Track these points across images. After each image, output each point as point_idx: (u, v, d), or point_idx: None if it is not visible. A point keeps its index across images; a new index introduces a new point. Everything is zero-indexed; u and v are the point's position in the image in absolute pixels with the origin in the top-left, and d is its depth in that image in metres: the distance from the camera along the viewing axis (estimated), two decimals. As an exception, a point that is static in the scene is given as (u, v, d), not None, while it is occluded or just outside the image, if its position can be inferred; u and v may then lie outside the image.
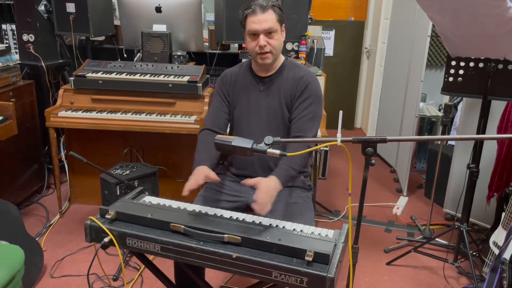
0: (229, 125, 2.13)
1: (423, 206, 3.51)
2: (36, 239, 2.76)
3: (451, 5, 1.98)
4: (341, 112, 1.21)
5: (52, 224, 3.03)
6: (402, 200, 3.56)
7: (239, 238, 1.43)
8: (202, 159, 1.90)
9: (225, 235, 1.43)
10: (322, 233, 1.57)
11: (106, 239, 1.52)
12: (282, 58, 2.02)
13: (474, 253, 2.59)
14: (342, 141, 1.19)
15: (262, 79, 2.01)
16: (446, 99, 4.48)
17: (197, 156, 1.95)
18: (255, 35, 1.86)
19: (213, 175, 1.79)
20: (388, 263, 2.69)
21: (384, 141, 1.18)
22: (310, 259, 1.34)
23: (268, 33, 1.84)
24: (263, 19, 1.82)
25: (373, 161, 1.23)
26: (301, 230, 1.56)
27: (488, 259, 2.39)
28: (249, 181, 1.67)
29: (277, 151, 1.30)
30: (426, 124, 4.10)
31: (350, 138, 1.21)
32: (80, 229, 2.97)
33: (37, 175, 3.39)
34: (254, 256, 1.39)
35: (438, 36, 4.38)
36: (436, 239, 2.88)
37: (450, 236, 2.77)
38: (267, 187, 1.68)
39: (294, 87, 1.94)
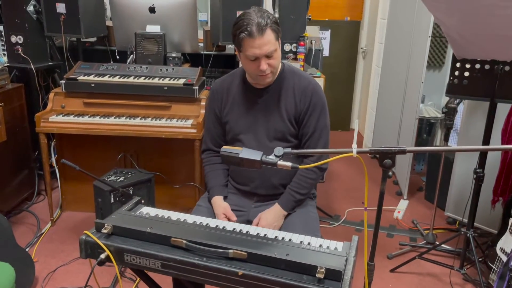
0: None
1: (424, 210, 3.45)
2: (27, 249, 2.66)
3: (458, 5, 1.92)
4: (357, 122, 1.13)
5: (43, 233, 2.92)
6: (403, 204, 3.50)
7: (245, 253, 1.34)
8: (215, 189, 1.95)
9: (230, 251, 1.35)
10: (331, 246, 1.49)
11: (102, 256, 1.43)
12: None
13: (479, 259, 2.53)
14: (358, 152, 1.11)
15: (259, 91, 1.87)
16: (444, 100, 4.43)
17: (208, 183, 1.98)
18: (254, 59, 1.71)
19: (230, 215, 1.86)
20: (392, 270, 2.62)
21: (403, 152, 1.10)
22: (322, 276, 1.26)
23: (269, 54, 1.71)
24: (263, 43, 1.66)
25: (390, 173, 1.15)
26: (309, 243, 1.48)
27: (495, 266, 2.33)
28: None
29: (289, 163, 1.21)
30: (425, 126, 4.05)
31: (367, 149, 1.13)
32: (73, 238, 2.87)
33: (27, 181, 3.27)
34: (261, 273, 1.30)
35: (436, 37, 4.33)
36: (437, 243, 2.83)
37: (455, 241, 2.71)
38: (266, 220, 1.81)
39: (298, 100, 1.83)
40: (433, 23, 3.24)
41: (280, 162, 1.21)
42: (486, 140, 2.37)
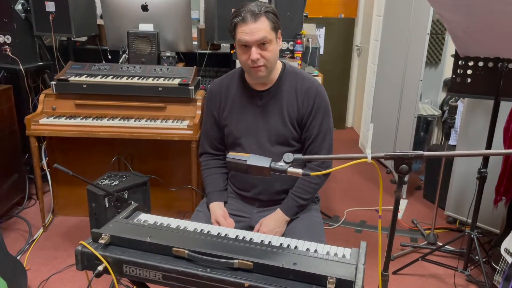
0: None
1: (423, 209, 3.41)
2: (18, 257, 2.57)
3: (465, 1, 1.87)
4: (371, 126, 1.07)
5: (35, 239, 2.82)
6: (402, 203, 3.46)
7: (251, 263, 1.28)
8: (212, 194, 1.88)
9: (235, 261, 1.28)
10: (338, 253, 1.43)
11: (100, 267, 1.36)
12: (279, 65, 1.79)
13: (483, 259, 2.49)
14: (372, 158, 1.04)
15: (259, 93, 1.79)
16: (441, 97, 4.41)
17: (206, 188, 1.92)
18: (246, 46, 1.63)
19: (221, 223, 1.79)
20: (395, 272, 2.57)
21: (421, 157, 1.04)
22: (333, 286, 1.21)
23: (262, 44, 1.62)
24: (255, 29, 1.59)
25: (406, 179, 1.09)
26: (315, 251, 1.42)
27: (499, 267, 2.29)
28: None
29: (299, 170, 1.15)
30: (422, 124, 4.01)
31: (382, 154, 1.07)
32: (66, 244, 2.78)
33: (17, 185, 3.17)
34: (269, 284, 1.25)
35: (433, 34, 4.29)
36: (440, 243, 2.79)
37: (457, 241, 2.67)
38: (267, 227, 1.75)
39: (301, 102, 1.75)
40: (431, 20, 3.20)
41: (291, 169, 1.15)
42: (490, 141, 2.32)
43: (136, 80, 2.77)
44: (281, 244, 1.47)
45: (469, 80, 2.28)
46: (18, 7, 3.09)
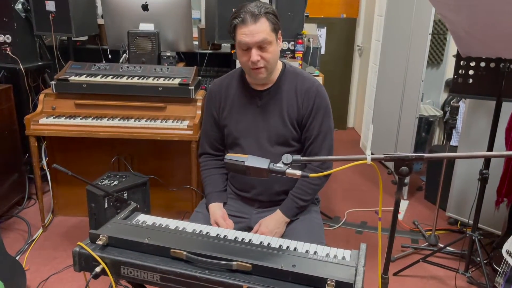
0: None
1: (424, 210, 3.40)
2: (17, 257, 2.56)
3: (467, 1, 1.85)
4: (371, 126, 1.06)
5: (34, 239, 2.81)
6: (403, 204, 3.44)
7: (250, 265, 1.27)
8: (212, 195, 1.87)
9: (234, 263, 1.27)
10: (338, 255, 1.42)
11: (97, 269, 1.35)
12: (279, 66, 1.78)
13: (484, 261, 2.47)
14: (372, 159, 1.03)
15: (259, 93, 1.78)
16: (442, 98, 4.39)
17: (206, 189, 1.91)
18: (246, 48, 1.63)
19: (220, 224, 1.77)
20: (395, 274, 2.56)
21: (421, 158, 1.03)
22: (332, 289, 1.19)
23: (262, 45, 1.61)
24: (255, 31, 1.58)
25: (406, 181, 1.08)
26: (315, 252, 1.41)
27: (501, 268, 2.28)
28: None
29: (298, 172, 1.13)
30: (423, 124, 3.99)
31: (382, 156, 1.05)
32: (66, 244, 2.78)
33: (17, 185, 3.16)
34: (267, 286, 1.23)
35: (434, 34, 4.27)
36: (441, 245, 2.77)
37: (458, 243, 2.65)
38: (267, 228, 1.73)
39: (301, 103, 1.74)
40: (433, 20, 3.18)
41: (289, 171, 1.13)
42: (492, 142, 2.30)
43: (136, 80, 2.76)
44: (280, 245, 1.46)
45: (471, 80, 2.27)
46: (18, 6, 3.09)
